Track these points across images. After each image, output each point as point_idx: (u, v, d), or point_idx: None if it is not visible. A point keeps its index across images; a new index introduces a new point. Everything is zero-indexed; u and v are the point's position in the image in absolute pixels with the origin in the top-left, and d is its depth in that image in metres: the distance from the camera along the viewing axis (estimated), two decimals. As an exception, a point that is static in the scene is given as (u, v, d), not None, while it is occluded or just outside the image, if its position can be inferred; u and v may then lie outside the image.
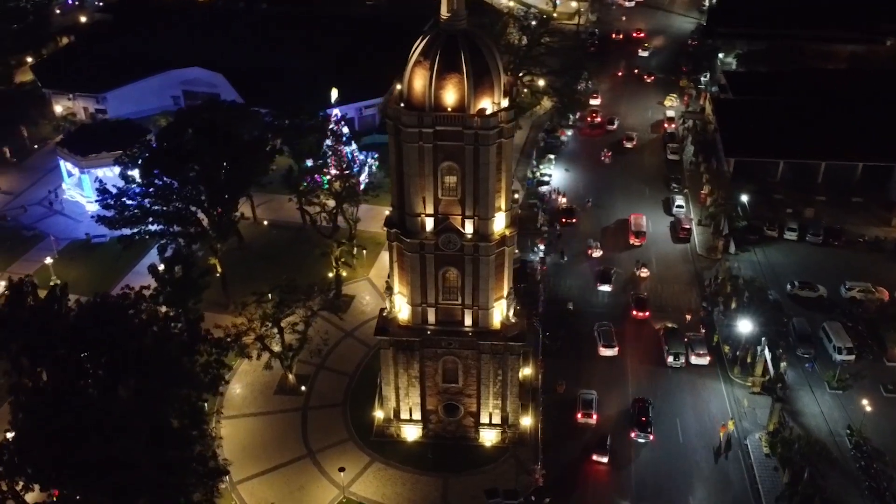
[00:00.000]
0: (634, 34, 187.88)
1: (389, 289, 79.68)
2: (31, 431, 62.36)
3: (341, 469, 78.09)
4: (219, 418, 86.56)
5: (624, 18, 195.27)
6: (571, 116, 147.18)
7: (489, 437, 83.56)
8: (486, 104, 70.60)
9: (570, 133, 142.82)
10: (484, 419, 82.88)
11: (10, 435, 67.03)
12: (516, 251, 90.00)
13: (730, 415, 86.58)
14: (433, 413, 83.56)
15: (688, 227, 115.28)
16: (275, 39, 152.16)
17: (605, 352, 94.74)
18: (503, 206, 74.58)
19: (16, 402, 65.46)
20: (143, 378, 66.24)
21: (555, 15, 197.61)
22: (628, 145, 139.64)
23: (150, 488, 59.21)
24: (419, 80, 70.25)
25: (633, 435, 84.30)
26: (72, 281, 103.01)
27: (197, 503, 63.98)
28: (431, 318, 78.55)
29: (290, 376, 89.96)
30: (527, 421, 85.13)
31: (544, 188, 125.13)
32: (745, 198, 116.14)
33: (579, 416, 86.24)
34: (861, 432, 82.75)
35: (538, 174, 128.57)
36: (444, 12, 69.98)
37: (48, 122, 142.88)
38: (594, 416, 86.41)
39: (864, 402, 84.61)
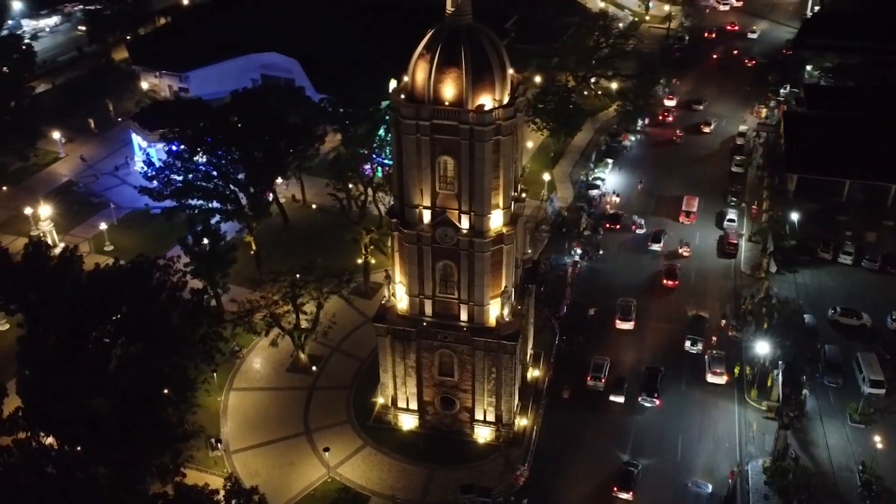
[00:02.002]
0: (728, 27, 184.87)
1: (388, 277, 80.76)
2: (31, 382, 66.44)
3: (326, 449, 79.85)
4: (228, 389, 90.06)
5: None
6: (640, 121, 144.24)
7: (483, 435, 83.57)
8: (486, 101, 70.61)
9: (633, 138, 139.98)
10: (479, 416, 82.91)
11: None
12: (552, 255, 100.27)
13: (736, 438, 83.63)
14: (430, 405, 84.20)
15: (734, 241, 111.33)
16: (352, 28, 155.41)
17: (622, 325, 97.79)
18: (501, 204, 74.36)
19: (21, 354, 70.05)
20: (136, 342, 69.64)
21: (647, 18, 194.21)
22: (706, 130, 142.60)
23: (112, 445, 62.32)
24: (420, 73, 70.94)
25: (639, 399, 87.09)
26: (124, 248, 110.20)
27: (162, 465, 66.65)
28: (428, 309, 79.18)
29: (303, 356, 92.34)
30: (524, 422, 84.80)
31: (594, 192, 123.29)
32: (795, 216, 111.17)
33: (588, 379, 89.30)
34: (873, 469, 78.39)
35: (590, 177, 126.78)
36: (448, 7, 70.35)
37: (132, 97, 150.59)
38: (602, 381, 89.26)
39: (877, 438, 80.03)
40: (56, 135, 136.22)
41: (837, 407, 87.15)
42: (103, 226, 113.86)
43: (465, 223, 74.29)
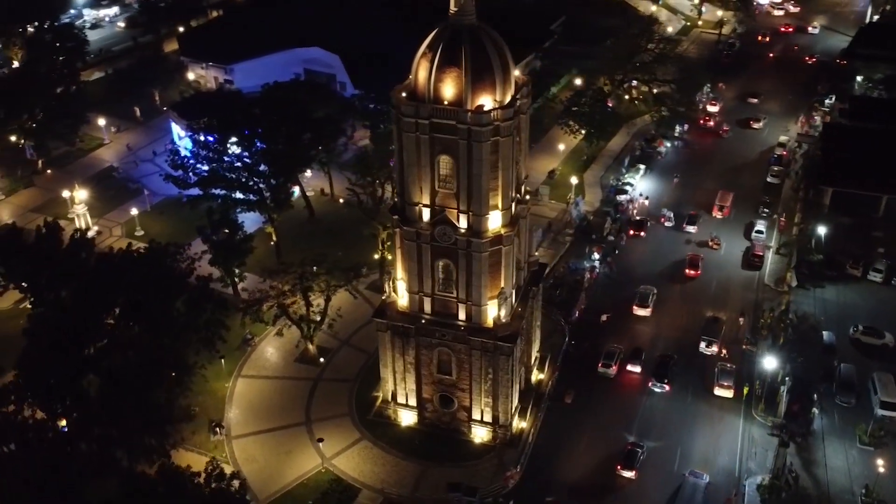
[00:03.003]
0: (783, 29, 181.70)
1: (388, 273, 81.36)
2: (30, 355, 68.94)
3: (319, 440, 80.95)
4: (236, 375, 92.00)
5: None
6: (679, 127, 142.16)
7: (480, 435, 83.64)
8: (486, 101, 70.68)
9: (669, 144, 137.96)
10: (476, 415, 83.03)
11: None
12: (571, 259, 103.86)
13: (736, 454, 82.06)
14: (429, 402, 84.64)
15: (760, 253, 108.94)
16: (396, 26, 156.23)
17: (639, 311, 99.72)
18: (500, 205, 74.30)
19: (28, 330, 72.78)
20: (136, 324, 71.72)
21: (699, 23, 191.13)
22: (755, 125, 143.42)
23: (95, 422, 64.34)
24: (422, 72, 71.45)
25: (649, 384, 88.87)
26: (154, 233, 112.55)
27: (148, 445, 68.45)
28: (427, 307, 79.61)
29: (311, 347, 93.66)
30: (523, 424, 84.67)
31: (622, 197, 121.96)
32: (822, 230, 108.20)
33: (600, 366, 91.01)
34: (876, 493, 76.14)
35: (620, 182, 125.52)
36: (452, 6, 70.65)
37: (177, 87, 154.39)
38: (613, 368, 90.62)
39: (879, 461, 77.61)
40: (102, 121, 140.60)
41: (847, 427, 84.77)
42: (134, 211, 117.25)
43: (463, 223, 74.50)
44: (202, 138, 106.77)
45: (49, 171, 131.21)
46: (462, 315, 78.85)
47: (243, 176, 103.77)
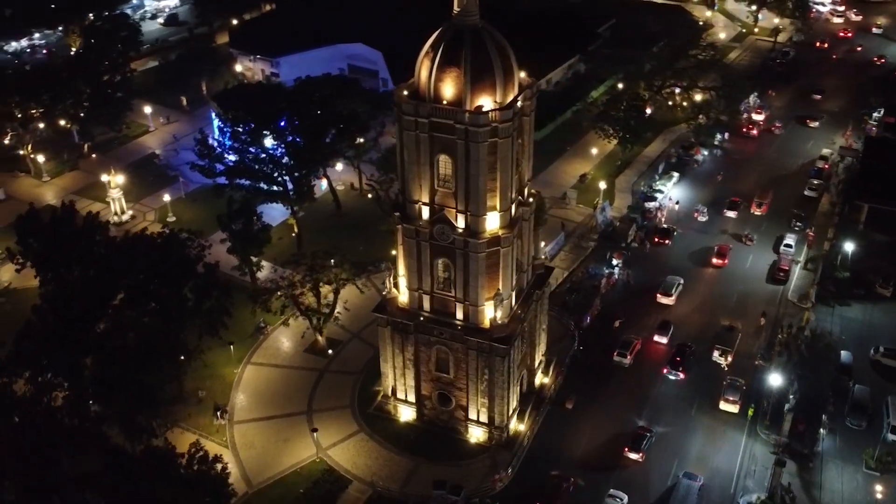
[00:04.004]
0: (841, 34, 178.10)
1: (389, 269, 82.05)
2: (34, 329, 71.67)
3: (314, 430, 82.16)
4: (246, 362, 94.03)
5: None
6: (719, 136, 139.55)
7: (476, 435, 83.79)
8: (486, 102, 70.74)
9: (706, 153, 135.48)
10: (472, 415, 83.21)
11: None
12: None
13: (734, 470, 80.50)
14: (428, 399, 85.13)
15: (786, 267, 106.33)
16: (438, 23, 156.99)
17: (662, 299, 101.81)
18: (498, 206, 74.21)
19: (37, 308, 75.73)
20: (140, 307, 73.96)
21: (755, 30, 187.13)
22: (812, 124, 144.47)
23: (88, 400, 66.65)
24: (424, 71, 71.89)
25: (665, 371, 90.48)
26: (185, 220, 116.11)
27: (138, 424, 70.42)
28: (427, 305, 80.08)
29: (320, 338, 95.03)
30: (521, 427, 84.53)
31: (651, 204, 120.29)
32: (850, 246, 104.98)
33: (615, 355, 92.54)
34: (876, 521, 73.99)
35: (651, 189, 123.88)
36: (455, 6, 70.91)
37: (224, 78, 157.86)
38: (629, 358, 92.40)
39: (878, 487, 75.18)
40: (148, 109, 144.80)
41: (855, 451, 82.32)
42: (167, 198, 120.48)
43: (461, 222, 74.72)
44: (227, 128, 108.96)
45: (94, 156, 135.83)
46: (460, 314, 79.09)
47: (268, 167, 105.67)
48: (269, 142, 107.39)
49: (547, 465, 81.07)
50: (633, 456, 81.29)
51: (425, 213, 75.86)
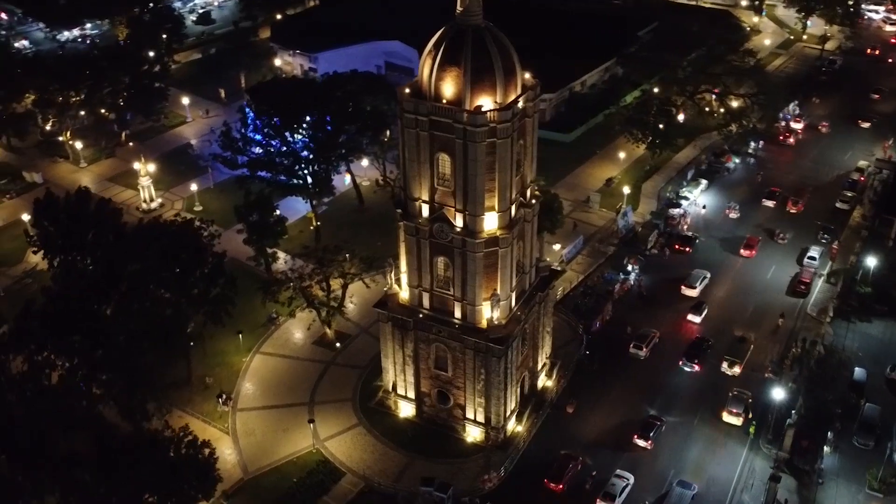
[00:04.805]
0: (894, 40, 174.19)
1: (391, 265, 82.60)
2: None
3: (310, 420, 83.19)
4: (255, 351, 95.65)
5: None
6: (753, 144, 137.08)
7: (473, 434, 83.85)
8: (486, 102, 70.77)
9: (737, 160, 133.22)
10: (469, 415, 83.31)
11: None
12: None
13: (732, 482, 79.17)
14: (427, 396, 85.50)
15: (808, 280, 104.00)
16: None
17: (687, 291, 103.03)
18: (497, 207, 74.11)
19: (48, 288, 78.18)
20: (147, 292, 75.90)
21: (804, 37, 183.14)
22: (864, 125, 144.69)
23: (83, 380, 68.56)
24: (426, 69, 72.19)
25: (679, 363, 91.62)
26: (212, 210, 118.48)
27: (131, 406, 72.11)
28: (426, 302, 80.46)
29: (329, 331, 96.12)
30: (519, 428, 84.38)
31: (675, 210, 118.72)
32: (873, 261, 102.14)
33: (631, 347, 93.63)
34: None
35: (677, 195, 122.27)
36: (458, 6, 71.13)
37: (261, 72, 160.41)
38: (644, 350, 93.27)
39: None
40: (185, 100, 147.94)
41: (860, 470, 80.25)
42: (194, 187, 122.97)
43: (459, 221, 74.88)
44: (250, 121, 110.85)
45: (131, 144, 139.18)
46: (458, 313, 79.27)
47: (288, 161, 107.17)
48: (290, 136, 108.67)
49: (542, 469, 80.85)
50: (642, 443, 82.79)
51: (425, 210, 76.21)
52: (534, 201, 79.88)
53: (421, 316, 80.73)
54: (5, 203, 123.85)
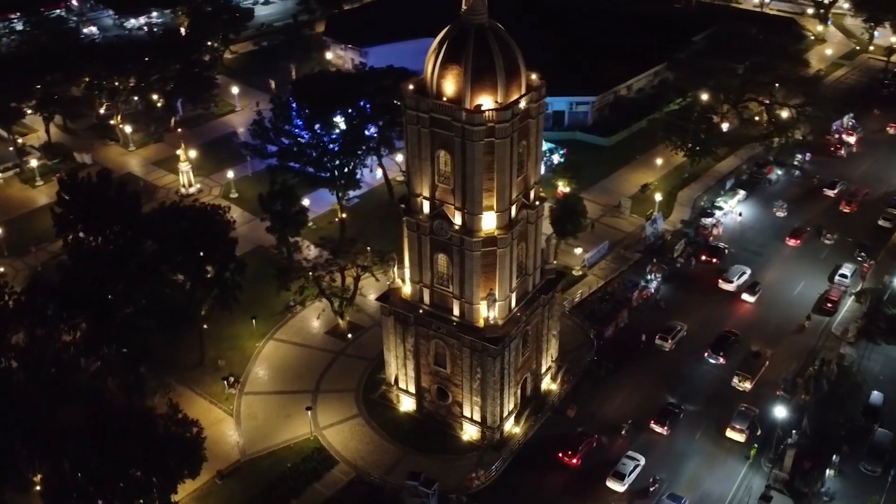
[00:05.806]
0: None
1: (394, 259, 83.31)
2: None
3: (308, 408, 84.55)
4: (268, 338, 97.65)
5: None
6: (800, 155, 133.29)
7: (470, 432, 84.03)
8: (486, 101, 70.84)
9: (779, 172, 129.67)
10: (466, 413, 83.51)
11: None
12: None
13: (726, 499, 77.49)
14: (427, 392, 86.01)
15: (836, 299, 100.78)
16: (521, 23, 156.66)
17: (723, 284, 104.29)
18: (495, 207, 74.06)
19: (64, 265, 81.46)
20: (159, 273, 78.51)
21: (870, 48, 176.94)
22: None
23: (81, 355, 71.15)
24: (429, 67, 72.68)
25: (705, 355, 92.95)
26: (247, 197, 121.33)
27: (128, 382, 74.49)
28: (426, 298, 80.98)
29: (341, 322, 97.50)
30: (516, 430, 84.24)
31: (707, 220, 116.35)
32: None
33: (657, 338, 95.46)
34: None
35: (711, 204, 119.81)
36: (463, 5, 71.42)
37: (311, 65, 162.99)
38: (669, 342, 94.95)
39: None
40: (235, 90, 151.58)
41: (862, 497, 77.63)
42: (230, 174, 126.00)
43: (458, 219, 75.14)
44: (279, 112, 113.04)
45: (179, 130, 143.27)
46: (456, 311, 79.55)
47: (315, 153, 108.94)
48: (321, 128, 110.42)
49: (539, 469, 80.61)
50: (658, 429, 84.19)
51: (426, 207, 76.70)
52: (538, 203, 79.51)
53: (421, 311, 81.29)
54: (54, 182, 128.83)
